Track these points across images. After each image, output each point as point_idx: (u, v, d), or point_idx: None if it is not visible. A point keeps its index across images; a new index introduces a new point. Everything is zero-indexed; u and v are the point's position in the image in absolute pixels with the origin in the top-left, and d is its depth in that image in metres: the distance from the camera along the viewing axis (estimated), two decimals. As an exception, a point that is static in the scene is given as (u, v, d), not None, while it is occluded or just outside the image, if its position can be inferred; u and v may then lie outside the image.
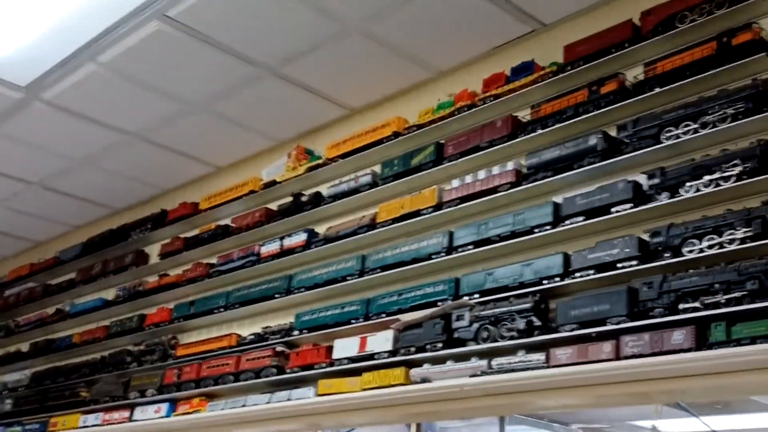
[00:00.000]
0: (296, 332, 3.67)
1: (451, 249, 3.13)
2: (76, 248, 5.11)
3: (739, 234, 2.34)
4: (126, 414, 4.32)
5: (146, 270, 4.67)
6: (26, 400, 5.07)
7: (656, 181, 2.57)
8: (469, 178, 3.15)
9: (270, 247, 3.93)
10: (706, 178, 2.46)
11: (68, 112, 3.89)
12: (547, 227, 2.83)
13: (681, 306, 2.38)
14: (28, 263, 5.52)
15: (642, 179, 2.63)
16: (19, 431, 5.04)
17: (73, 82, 3.60)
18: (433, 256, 3.19)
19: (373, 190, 3.54)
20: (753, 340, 2.21)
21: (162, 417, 4.13)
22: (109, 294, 4.87)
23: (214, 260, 4.24)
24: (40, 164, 4.46)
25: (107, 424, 4.40)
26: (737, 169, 2.39)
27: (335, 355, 3.43)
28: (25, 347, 5.36)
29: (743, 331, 2.24)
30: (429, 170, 3.32)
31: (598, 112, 2.81)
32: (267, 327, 3.85)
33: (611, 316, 2.53)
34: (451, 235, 3.15)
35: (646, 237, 2.57)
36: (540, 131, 2.96)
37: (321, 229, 3.76)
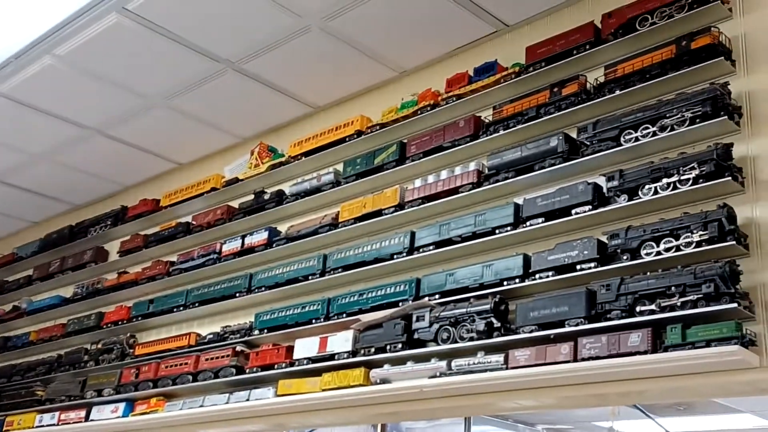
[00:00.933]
0: (256, 332, 3.63)
1: (412, 249, 3.12)
2: (34, 244, 5.02)
3: (696, 237, 2.35)
4: (82, 414, 4.25)
5: (105, 267, 4.60)
6: (-19, 399, 4.97)
7: (615, 183, 2.57)
8: (431, 178, 3.14)
9: (231, 246, 3.89)
10: (665, 180, 2.47)
11: (25, 105, 3.82)
12: (508, 228, 2.83)
13: (638, 308, 2.39)
14: (-16, 259, 5.41)
15: (602, 181, 2.64)
16: (-27, 430, 4.94)
17: (30, 74, 3.53)
18: (395, 256, 3.17)
19: (335, 188, 3.52)
20: (708, 343, 2.23)
21: (119, 417, 4.06)
22: (68, 291, 4.79)
23: (174, 258, 4.19)
24: (-4, 158, 4.38)
25: (63, 424, 4.33)
26: (694, 173, 2.41)
27: (295, 355, 3.39)
28: (-20, 345, 5.25)
29: (698, 334, 2.25)
30: (392, 169, 3.30)
31: (559, 113, 2.82)
32: (227, 326, 3.81)
33: (570, 317, 2.53)
34: (412, 235, 3.14)
35: (604, 239, 2.58)
36: (502, 132, 2.96)
37: (283, 228, 3.73)
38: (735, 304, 2.22)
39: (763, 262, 2.33)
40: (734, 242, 2.29)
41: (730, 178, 2.35)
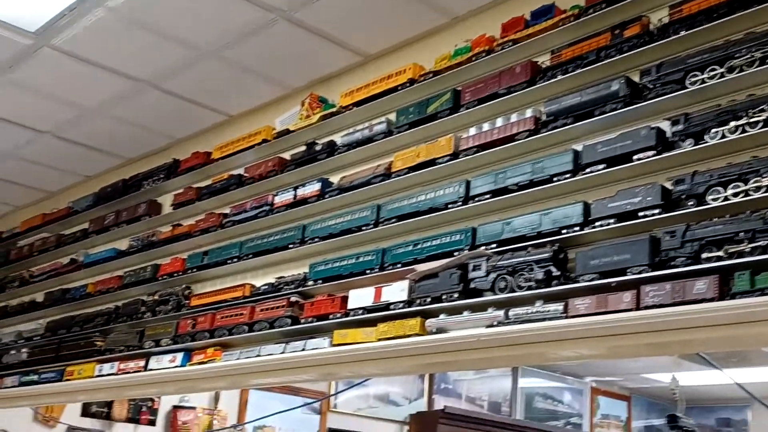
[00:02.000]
0: (310, 282, 3.64)
1: (467, 198, 3.08)
2: (89, 198, 5.09)
3: (765, 181, 2.27)
4: (141, 363, 4.33)
5: (159, 220, 4.64)
6: (42, 350, 5.09)
7: (680, 127, 2.50)
8: (486, 126, 3.09)
9: (283, 197, 3.89)
10: (732, 124, 2.38)
11: (78, 58, 3.83)
12: (567, 176, 2.77)
13: (704, 255, 2.33)
14: (40, 214, 5.51)
15: (665, 126, 2.56)
16: (35, 380, 5.08)
17: (83, 27, 3.53)
18: (450, 206, 3.14)
19: (388, 138, 3.48)
20: (778, 290, 2.17)
21: (177, 366, 4.13)
22: (123, 244, 4.85)
23: (227, 210, 4.21)
24: (51, 113, 4.41)
25: (123, 373, 4.42)
26: (764, 115, 2.32)
27: (350, 305, 3.40)
28: (39, 297, 5.37)
29: (768, 281, 2.19)
30: (445, 118, 3.25)
31: (620, 56, 2.73)
32: (281, 277, 3.83)
33: (632, 265, 2.48)
34: (467, 184, 3.10)
35: (669, 185, 2.51)
36: (560, 77, 2.88)
37: (335, 179, 3.71)
38: (807, 250, 2.16)
39: (836, 206, 2.25)
40: (806, 186, 2.21)
41: (802, 120, 2.27)
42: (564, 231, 2.73)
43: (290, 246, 3.78)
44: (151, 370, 4.28)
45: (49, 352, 5.01)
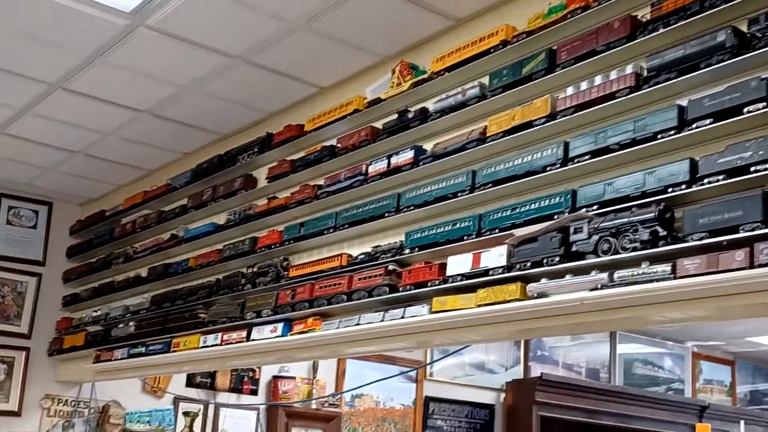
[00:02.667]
0: (407, 250, 3.64)
1: (566, 160, 3.02)
2: (186, 175, 5.21)
3: None
4: (243, 334, 4.44)
5: (255, 194, 4.72)
6: (148, 322, 5.27)
7: (794, 76, 2.38)
8: (584, 85, 3.00)
9: (377, 166, 3.89)
10: None
11: (173, 36, 3.90)
12: (672, 132, 2.68)
13: (824, 209, 2.23)
14: (141, 191, 5.67)
15: (778, 75, 2.44)
16: (142, 351, 5.27)
17: (177, 5, 3.59)
18: (548, 168, 3.08)
19: (481, 102, 3.43)
20: None
21: (278, 336, 4.22)
22: (221, 218, 4.95)
23: (321, 181, 4.24)
24: (148, 92, 4.51)
25: (226, 344, 4.54)
26: None
27: (449, 272, 3.39)
28: (143, 272, 5.55)
29: None
30: (541, 79, 3.18)
31: (726, 5, 2.60)
32: (377, 246, 3.85)
33: (745, 222, 2.39)
34: (566, 145, 3.03)
35: (783, 138, 2.40)
36: (662, 30, 2.77)
37: (429, 146, 3.69)
38: None
39: None
40: None
41: None
42: (670, 189, 2.65)
43: (386, 215, 3.79)
44: (253, 340, 4.38)
45: (155, 324, 5.19)
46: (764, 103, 2.44)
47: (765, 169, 2.40)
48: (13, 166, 5.80)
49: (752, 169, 2.43)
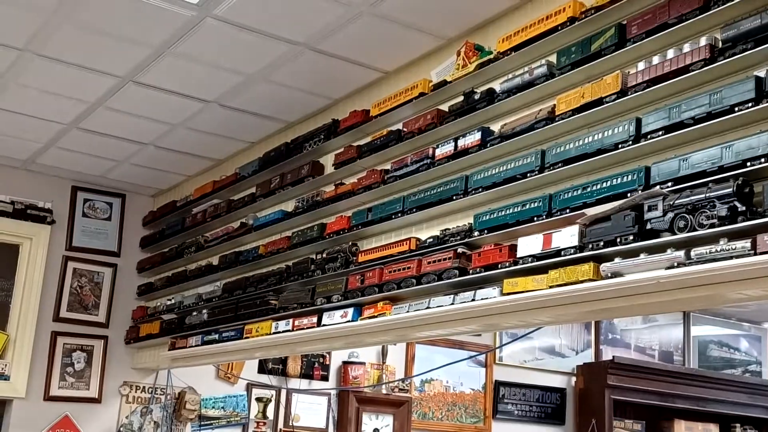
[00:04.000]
0: (476, 233, 3.62)
1: (639, 136, 2.96)
2: (254, 163, 5.27)
3: None
4: (314, 319, 4.48)
5: (322, 180, 4.75)
6: (220, 310, 5.36)
7: None
8: (656, 59, 2.94)
9: (444, 149, 3.88)
10: None
11: (238, 26, 3.94)
12: (750, 104, 2.60)
13: None
14: (211, 181, 5.76)
15: None
16: (216, 338, 5.36)
17: (242, -6, 3.64)
18: (620, 146, 3.02)
19: (549, 81, 3.39)
20: None
21: (349, 321, 4.24)
22: (289, 206, 5.00)
23: (388, 166, 4.25)
24: (215, 82, 4.58)
25: (298, 330, 4.59)
26: None
27: (519, 253, 3.36)
28: (215, 261, 5.64)
29: None
30: (610, 54, 3.12)
31: (805, -29, 2.52)
32: (446, 229, 3.83)
33: (829, 195, 2.31)
34: (638, 121, 2.97)
35: None
36: (737, 0, 2.69)
37: (496, 127, 3.66)
38: None
39: None
40: None
41: None
42: (749, 163, 2.57)
43: (453, 197, 3.77)
44: (324, 325, 4.41)
45: (227, 312, 5.27)
46: None
47: None
48: (87, 160, 5.95)
49: (836, 139, 2.34)
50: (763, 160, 2.54)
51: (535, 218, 3.34)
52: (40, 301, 6.14)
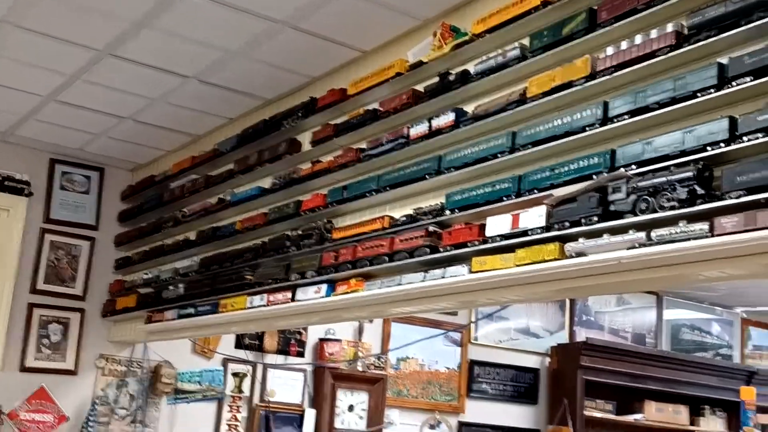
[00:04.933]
0: (448, 212, 3.69)
1: (606, 120, 3.02)
2: (233, 140, 5.30)
3: None
4: (288, 294, 4.54)
5: (299, 158, 4.79)
6: (197, 284, 5.41)
7: (837, 31, 2.35)
8: (624, 44, 3.00)
9: (418, 129, 3.92)
10: None
11: (218, 2, 3.96)
12: (712, 90, 2.67)
13: None
14: (189, 156, 5.78)
15: (820, 31, 2.42)
16: (192, 313, 5.41)
17: (220, -30, 3.66)
18: (587, 129, 3.09)
19: (521, 64, 3.44)
20: None
21: (322, 297, 4.31)
22: (266, 183, 5.04)
23: (364, 145, 4.29)
24: (195, 57, 4.59)
25: (272, 305, 4.65)
26: None
27: (488, 232, 3.43)
28: (192, 236, 5.68)
29: None
30: (581, 39, 3.17)
31: (768, -39, 2.58)
32: (418, 208, 3.89)
33: (783, 180, 2.39)
34: (605, 105, 3.03)
35: (824, 94, 2.38)
36: (703, -13, 2.75)
37: (470, 108, 3.71)
38: None
39: None
40: None
41: None
42: (709, 148, 2.64)
43: (427, 177, 3.83)
44: (298, 300, 4.47)
45: (204, 286, 5.32)
46: (805, 60, 2.42)
47: (805, 127, 2.38)
48: (65, 132, 5.96)
49: (792, 126, 2.41)
50: (722, 145, 2.61)
51: (505, 198, 3.40)
52: (16, 272, 6.16)
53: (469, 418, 7.95)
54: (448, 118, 3.77)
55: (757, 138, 2.50)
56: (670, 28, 2.85)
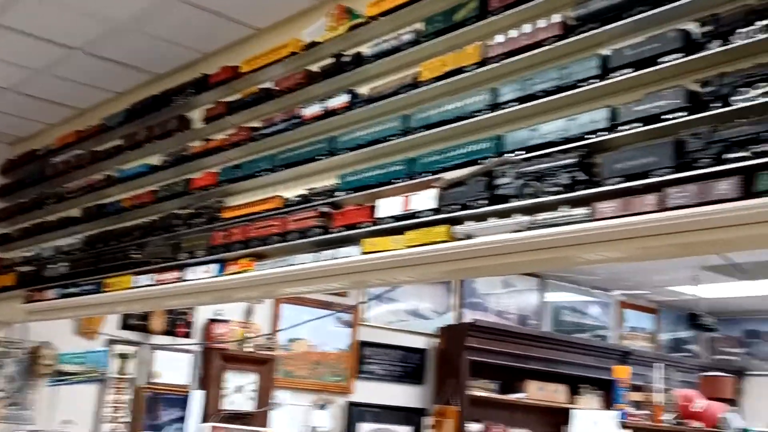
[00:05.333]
0: (340, 193, 3.71)
1: (495, 106, 3.10)
2: (121, 115, 5.15)
3: (794, 82, 2.27)
4: (177, 274, 4.47)
5: (190, 135, 4.70)
6: (80, 263, 5.25)
7: (709, 28, 2.48)
8: (513, 33, 3.08)
9: (312, 110, 3.92)
10: (759, 23, 2.37)
11: (106, -28, 3.85)
12: (594, 80, 2.78)
13: (729, 155, 2.35)
14: (74, 130, 5.60)
15: (693, 27, 2.55)
16: (75, 292, 5.26)
17: (110, -61, 3.55)
18: (477, 114, 3.16)
19: (415, 48, 3.48)
20: (802, 188, 2.19)
21: (212, 277, 4.26)
22: (155, 160, 4.93)
23: (257, 124, 4.26)
24: (81, 29, 4.44)
25: (161, 284, 4.57)
26: (795, 14, 2.30)
27: (379, 214, 3.47)
28: (76, 213, 5.50)
29: (792, 180, 2.21)
30: (472, 26, 3.24)
31: (650, -42, 2.70)
32: (311, 188, 3.90)
33: (656, 168, 2.52)
34: (494, 91, 3.12)
35: (696, 88, 2.51)
36: (588, -20, 2.86)
37: (364, 90, 3.73)
38: (832, 149, 2.17)
39: None
40: (834, 85, 2.21)
41: (833, 18, 2.25)
42: (590, 136, 2.76)
43: (320, 157, 3.83)
44: (187, 280, 4.41)
45: (87, 265, 5.17)
46: (680, 54, 2.55)
47: (678, 117, 2.52)
48: (-60, 102, 5.66)
49: (666, 116, 2.55)
50: (603, 132, 2.73)
51: (397, 180, 3.45)
52: None
53: (358, 398, 8.05)
54: (342, 99, 3.78)
55: (636, 127, 2.63)
56: (557, 18, 2.95)
